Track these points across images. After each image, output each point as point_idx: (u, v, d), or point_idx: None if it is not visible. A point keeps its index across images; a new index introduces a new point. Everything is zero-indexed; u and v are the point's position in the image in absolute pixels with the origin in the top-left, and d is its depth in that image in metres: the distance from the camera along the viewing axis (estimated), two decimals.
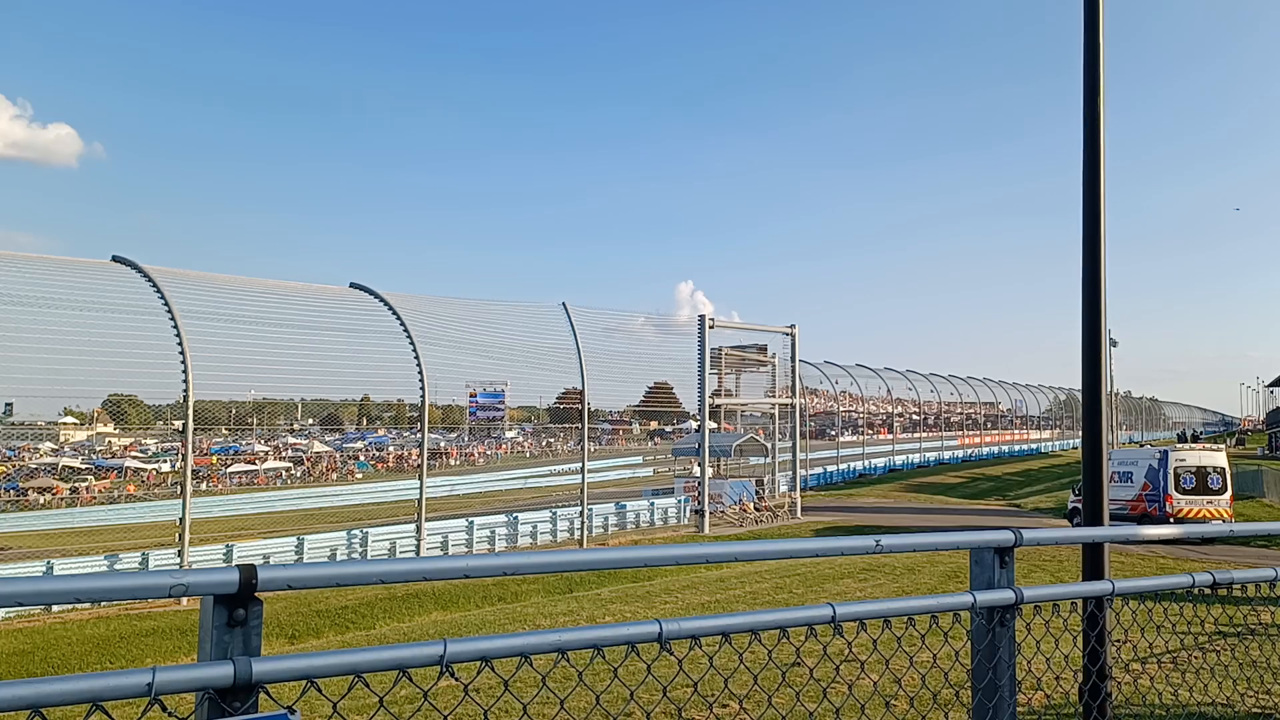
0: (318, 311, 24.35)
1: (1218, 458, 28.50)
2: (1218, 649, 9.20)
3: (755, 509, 34.78)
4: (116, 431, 41.57)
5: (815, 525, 32.88)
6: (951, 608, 3.30)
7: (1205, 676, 7.72)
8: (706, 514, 31.50)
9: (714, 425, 36.00)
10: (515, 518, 28.42)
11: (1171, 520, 26.55)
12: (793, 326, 37.22)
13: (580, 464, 29.11)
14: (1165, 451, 28.53)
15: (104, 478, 39.20)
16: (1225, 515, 27.16)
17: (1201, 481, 27.66)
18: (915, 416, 67.81)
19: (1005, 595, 3.35)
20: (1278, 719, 7.17)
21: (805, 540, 3.19)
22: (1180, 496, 27.39)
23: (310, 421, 46.22)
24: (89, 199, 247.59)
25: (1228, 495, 27.84)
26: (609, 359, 30.73)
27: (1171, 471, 27.59)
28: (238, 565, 2.11)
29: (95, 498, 35.04)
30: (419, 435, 26.05)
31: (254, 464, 44.00)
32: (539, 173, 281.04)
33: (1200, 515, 27.08)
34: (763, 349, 38.28)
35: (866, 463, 56.86)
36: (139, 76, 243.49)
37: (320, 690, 2.17)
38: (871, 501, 42.73)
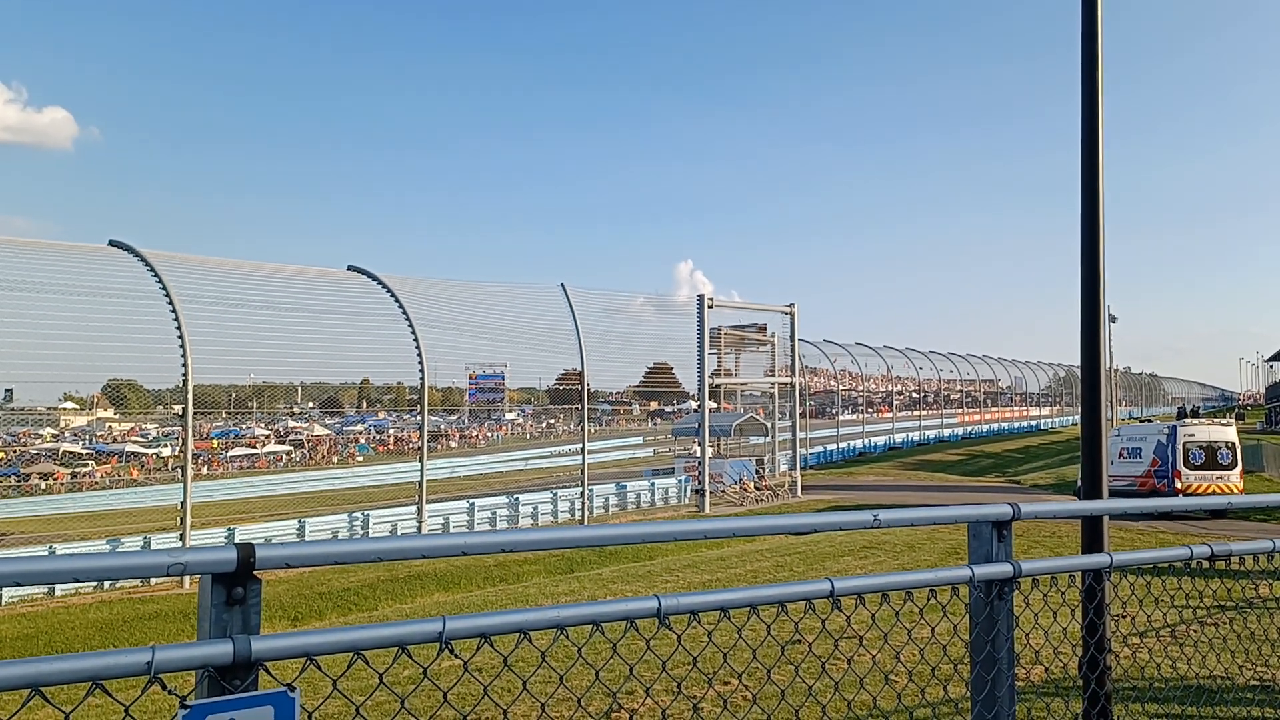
0: (316, 295, 24.31)
1: (1227, 432, 28.15)
2: (1217, 622, 9.25)
3: (755, 488, 34.84)
4: (116, 416, 41.55)
5: (816, 503, 32.95)
6: (950, 581, 3.31)
7: (1204, 649, 7.76)
8: (707, 493, 31.56)
9: (714, 405, 36.03)
10: (516, 499, 28.47)
11: (1180, 496, 26.39)
12: (792, 305, 37.18)
13: (580, 445, 29.14)
14: (1174, 427, 28.20)
15: (105, 463, 39.20)
16: (1235, 490, 26.66)
17: (1211, 456, 27.34)
18: (915, 394, 67.85)
19: (1003, 569, 3.36)
20: (1276, 691, 7.21)
21: (804, 516, 3.20)
22: (1189, 472, 27.08)
23: (310, 405, 46.16)
24: (85, 183, 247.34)
25: (1237, 470, 27.50)
26: (608, 340, 30.72)
27: (1180, 447, 27.28)
28: (236, 544, 2.11)
29: (96, 483, 35.08)
30: (419, 418, 26.06)
31: (254, 448, 44.01)
32: (536, 154, 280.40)
33: (1209, 490, 26.64)
34: (762, 328, 38.21)
35: (866, 441, 56.93)
36: (135, 59, 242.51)
37: (320, 668, 2.17)
38: (871, 480, 42.83)
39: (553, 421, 53.05)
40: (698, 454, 32.97)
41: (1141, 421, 37.04)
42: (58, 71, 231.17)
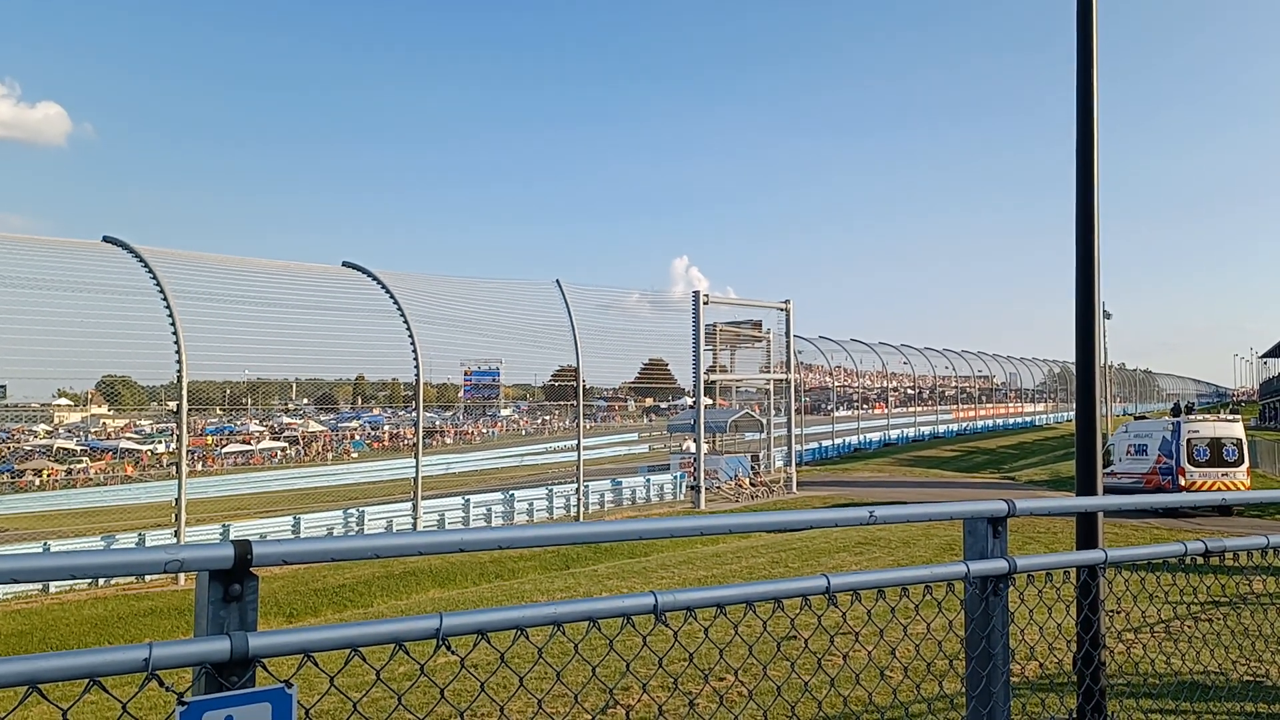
0: (311, 291, 24.26)
1: (1234, 429, 27.66)
2: (1211, 618, 9.27)
3: (751, 484, 34.88)
4: (111, 413, 41.50)
5: (811, 500, 32.98)
6: (945, 578, 3.32)
7: (1198, 645, 7.78)
8: (702, 490, 31.58)
9: (709, 401, 36.04)
10: (511, 495, 28.46)
11: (1182, 493, 26.02)
12: (787, 302, 37.19)
13: (576, 441, 29.14)
14: (1179, 423, 27.65)
15: (99, 459, 39.11)
16: (1242, 487, 26.14)
17: (1216, 453, 26.85)
18: (910, 391, 67.91)
19: (998, 565, 3.37)
20: (1269, 686, 7.23)
21: (799, 512, 3.20)
22: (1194, 469, 26.60)
23: (305, 401, 46.14)
24: (79, 178, 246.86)
25: (1244, 467, 27.05)
26: (604, 336, 30.72)
27: (1184, 443, 26.83)
28: (232, 540, 2.11)
29: (91, 479, 34.99)
30: (414, 414, 26.04)
31: (249, 444, 43.93)
32: (532, 149, 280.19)
33: (1214, 488, 26.09)
34: (757, 324, 38.20)
35: (861, 437, 56.96)
36: (129, 55, 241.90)
37: (317, 664, 2.17)
38: (867, 476, 42.88)
39: (548, 418, 53.03)
40: (693, 450, 32.98)
41: (1137, 418, 36.99)
42: (51, 67, 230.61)
